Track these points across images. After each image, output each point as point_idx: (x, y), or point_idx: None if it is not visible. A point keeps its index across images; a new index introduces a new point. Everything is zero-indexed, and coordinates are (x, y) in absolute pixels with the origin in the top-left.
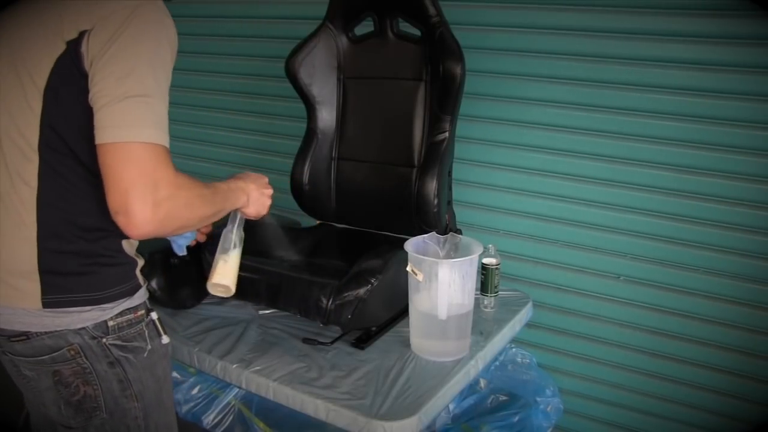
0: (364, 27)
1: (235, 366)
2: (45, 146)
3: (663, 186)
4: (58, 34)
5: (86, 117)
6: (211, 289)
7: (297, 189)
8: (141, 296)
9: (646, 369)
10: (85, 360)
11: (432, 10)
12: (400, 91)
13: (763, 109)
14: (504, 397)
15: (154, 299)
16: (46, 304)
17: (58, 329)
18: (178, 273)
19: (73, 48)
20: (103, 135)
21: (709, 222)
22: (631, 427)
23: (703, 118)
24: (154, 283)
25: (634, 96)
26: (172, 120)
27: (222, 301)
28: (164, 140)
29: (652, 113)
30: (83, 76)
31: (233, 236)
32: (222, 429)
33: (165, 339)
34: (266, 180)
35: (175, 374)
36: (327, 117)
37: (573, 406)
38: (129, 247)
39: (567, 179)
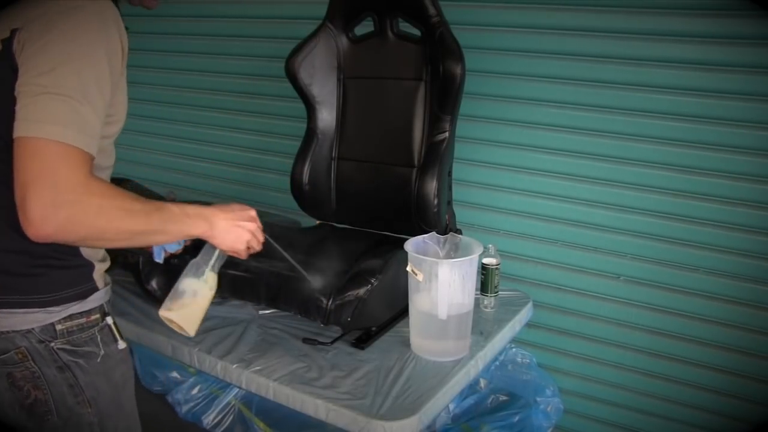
0: (364, 27)
1: (235, 366)
2: None
3: (663, 186)
4: None
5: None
6: (163, 318)
7: (297, 189)
8: (97, 299)
9: (646, 369)
10: (33, 364)
11: (432, 10)
12: (400, 91)
13: (763, 109)
14: (504, 397)
15: (154, 299)
16: None
17: (4, 330)
18: (179, 273)
19: (7, 46)
20: (16, 128)
21: (709, 222)
22: (632, 427)
23: (704, 118)
24: (154, 283)
25: (635, 96)
26: (173, 120)
27: (222, 301)
28: (78, 142)
29: (653, 113)
30: (15, 72)
31: (206, 268)
32: (222, 429)
33: (121, 344)
34: (250, 213)
35: (175, 374)
36: (327, 117)
37: (573, 406)
38: (89, 250)
39: (567, 179)
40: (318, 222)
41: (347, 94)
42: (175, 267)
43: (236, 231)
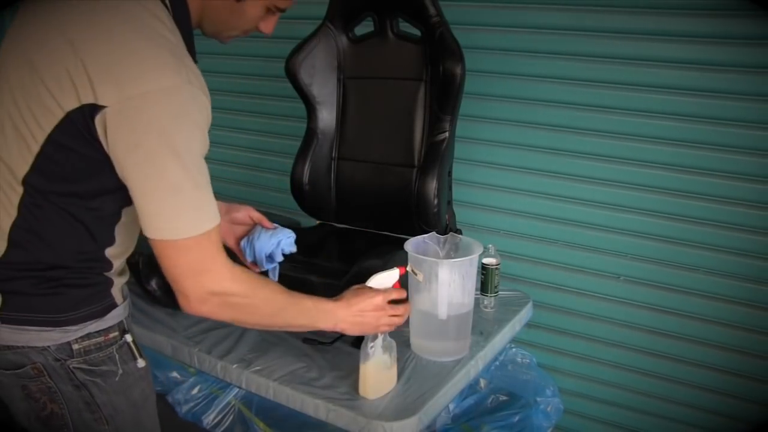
0: (364, 27)
1: (235, 366)
2: (30, 183)
3: (663, 186)
4: (68, 82)
5: (84, 171)
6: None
7: (297, 189)
8: (115, 317)
9: (646, 369)
10: (49, 379)
11: (432, 10)
12: (400, 91)
13: (763, 109)
14: (504, 397)
15: (154, 299)
16: (4, 319)
17: (18, 345)
18: None
19: (88, 113)
20: (147, 230)
21: (709, 222)
22: (631, 426)
23: (704, 118)
24: (153, 283)
25: (635, 96)
26: None
27: None
28: (206, 227)
29: (653, 113)
30: (95, 140)
31: (371, 348)
32: (222, 429)
33: (141, 362)
34: (374, 301)
35: (174, 374)
36: (327, 117)
37: (573, 406)
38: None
39: (567, 179)
40: (318, 222)
41: (347, 94)
42: None
43: (361, 323)
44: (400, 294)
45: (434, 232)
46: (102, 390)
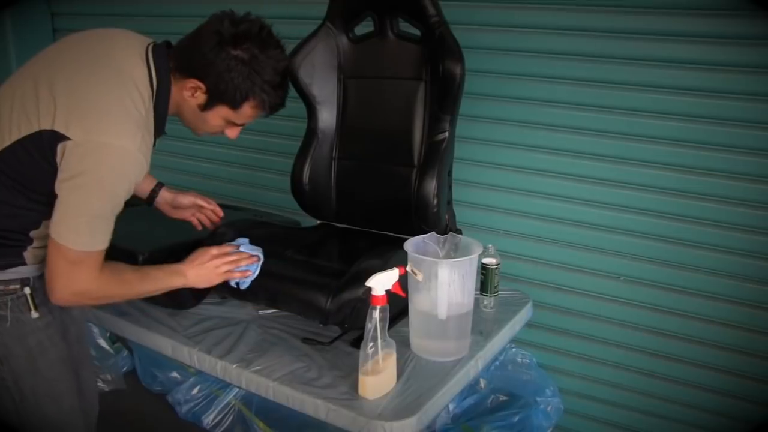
0: (364, 27)
1: (235, 366)
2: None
3: (663, 186)
4: (52, 110)
5: (35, 174)
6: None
7: (297, 189)
8: (19, 273)
9: (646, 369)
10: None
11: (432, 10)
12: (400, 90)
13: (763, 109)
14: (504, 397)
15: (154, 300)
16: None
17: None
18: None
19: (54, 137)
20: (51, 228)
21: (709, 222)
22: (631, 426)
23: (704, 118)
24: None
25: (635, 96)
26: (173, 120)
27: (222, 301)
28: (90, 246)
29: (653, 113)
30: (52, 157)
31: (370, 348)
32: (222, 429)
33: (34, 314)
34: (209, 252)
35: (174, 374)
36: (327, 117)
37: (573, 405)
38: (38, 240)
39: (567, 179)
40: (318, 222)
41: (347, 93)
42: None
43: (204, 272)
44: (233, 247)
45: (434, 232)
46: None
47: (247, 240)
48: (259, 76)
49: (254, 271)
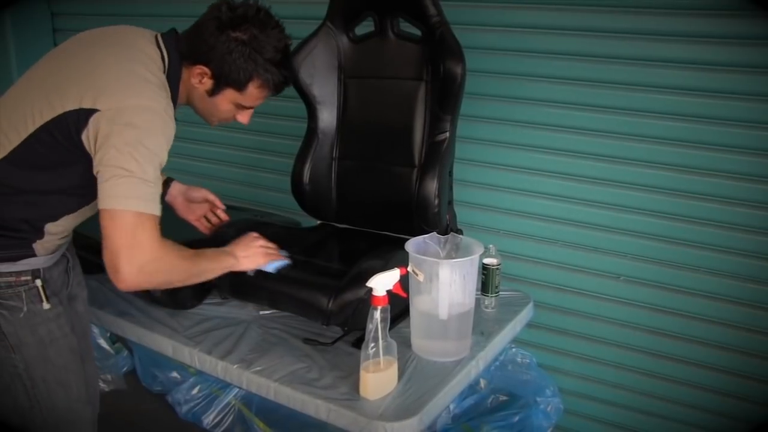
0: (365, 27)
1: (236, 366)
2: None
3: (663, 186)
4: (76, 93)
5: (57, 163)
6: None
7: (298, 189)
8: (30, 264)
9: (646, 369)
10: None
11: (432, 10)
12: (400, 90)
13: (763, 109)
14: (504, 397)
15: (154, 300)
16: None
17: None
18: None
19: (84, 115)
20: (101, 201)
21: (709, 222)
22: (632, 426)
23: (703, 118)
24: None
25: (635, 96)
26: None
27: (222, 301)
28: (149, 209)
29: (653, 113)
30: (78, 138)
31: (371, 348)
32: (222, 429)
33: (45, 305)
34: (251, 237)
35: (174, 374)
36: (327, 117)
37: (573, 406)
38: (51, 231)
39: (567, 179)
40: (318, 222)
41: (348, 93)
42: None
43: (251, 252)
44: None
45: (435, 233)
46: (8, 321)
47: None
48: (260, 56)
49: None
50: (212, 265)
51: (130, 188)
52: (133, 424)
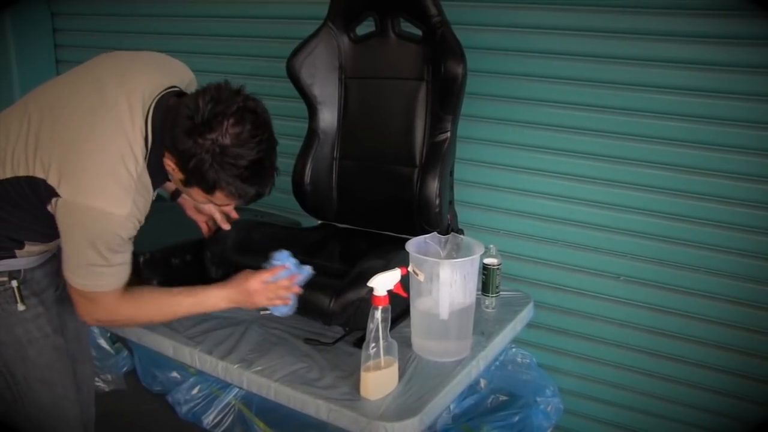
0: (366, 27)
1: (236, 366)
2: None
3: (663, 186)
4: (47, 161)
5: (30, 207)
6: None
7: (298, 189)
8: (6, 265)
9: (646, 369)
10: None
11: (433, 10)
12: (401, 91)
13: (763, 109)
14: (504, 397)
15: None
16: None
17: None
18: (179, 273)
19: (49, 188)
20: (65, 273)
21: (709, 222)
22: (631, 426)
23: (703, 118)
24: (154, 283)
25: (635, 96)
26: None
27: None
28: (103, 288)
29: (653, 113)
30: (46, 202)
31: (372, 348)
32: (222, 429)
33: (20, 307)
34: (253, 284)
35: (174, 374)
36: (328, 117)
37: (573, 405)
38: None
39: (568, 179)
40: (319, 222)
41: (349, 94)
42: (175, 267)
43: (244, 300)
44: (271, 273)
45: (435, 233)
46: None
47: (288, 254)
48: (225, 172)
49: (293, 302)
50: (192, 311)
51: (82, 273)
52: (133, 424)
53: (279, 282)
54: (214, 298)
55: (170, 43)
